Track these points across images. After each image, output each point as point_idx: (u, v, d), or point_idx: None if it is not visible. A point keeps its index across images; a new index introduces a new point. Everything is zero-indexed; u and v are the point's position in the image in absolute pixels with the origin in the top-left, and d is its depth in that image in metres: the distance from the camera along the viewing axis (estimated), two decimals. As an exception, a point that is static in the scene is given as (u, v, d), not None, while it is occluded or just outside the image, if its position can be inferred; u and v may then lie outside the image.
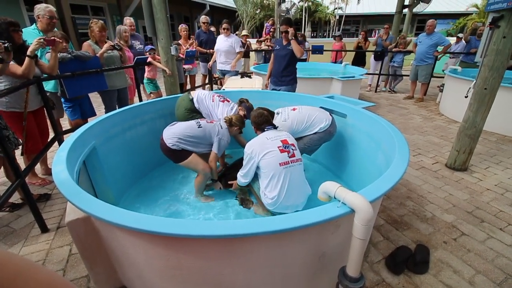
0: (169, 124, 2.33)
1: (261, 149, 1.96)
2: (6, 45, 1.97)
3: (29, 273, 0.32)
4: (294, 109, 2.56)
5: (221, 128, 2.33)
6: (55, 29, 3.02)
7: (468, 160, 3.09)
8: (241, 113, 2.65)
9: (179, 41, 5.28)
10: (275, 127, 2.18)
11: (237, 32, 7.82)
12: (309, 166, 3.03)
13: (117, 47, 3.34)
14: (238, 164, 2.65)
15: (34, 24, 2.90)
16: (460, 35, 6.69)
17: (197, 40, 5.96)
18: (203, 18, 5.89)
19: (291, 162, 1.96)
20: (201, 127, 2.27)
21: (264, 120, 2.17)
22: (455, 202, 2.54)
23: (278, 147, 1.97)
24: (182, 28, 5.41)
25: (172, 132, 2.21)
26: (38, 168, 2.98)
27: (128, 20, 4.55)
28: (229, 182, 2.44)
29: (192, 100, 2.76)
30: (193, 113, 2.78)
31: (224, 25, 4.67)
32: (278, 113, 2.52)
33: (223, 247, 1.17)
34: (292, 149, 2.01)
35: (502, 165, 3.24)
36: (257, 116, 2.18)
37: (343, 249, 1.33)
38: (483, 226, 2.22)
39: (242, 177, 2.14)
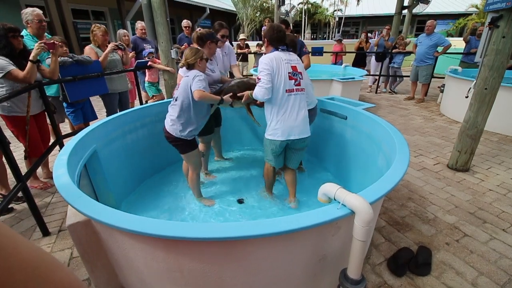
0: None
1: (277, 69, 1.98)
2: None
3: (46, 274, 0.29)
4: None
5: (188, 76, 2.06)
6: (48, 35, 3.02)
7: (470, 160, 3.07)
8: (194, 45, 2.36)
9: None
10: (288, 49, 2.12)
11: (241, 36, 7.75)
12: (309, 167, 3.03)
13: (121, 46, 3.44)
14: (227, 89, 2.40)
15: (25, 30, 2.84)
16: None
17: (179, 45, 5.82)
18: (184, 22, 5.58)
19: (296, 91, 2.02)
20: (176, 98, 2.10)
21: (281, 37, 2.07)
22: (457, 203, 2.53)
23: (288, 72, 2.00)
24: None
25: (168, 123, 2.13)
26: (40, 172, 2.99)
27: (140, 24, 4.57)
28: (239, 94, 2.26)
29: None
30: None
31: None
32: None
33: (223, 249, 1.16)
34: (299, 78, 2.05)
35: (504, 165, 3.23)
36: (274, 31, 2.06)
37: (344, 251, 1.33)
38: (486, 227, 2.21)
39: (266, 90, 1.97)
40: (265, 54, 2.16)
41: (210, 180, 2.85)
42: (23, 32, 2.83)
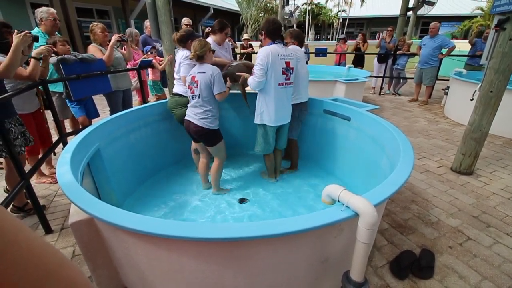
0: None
1: (272, 64, 2.12)
2: (34, 35, 2.05)
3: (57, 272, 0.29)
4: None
5: (204, 72, 2.14)
6: (56, 33, 3.05)
7: (474, 163, 3.05)
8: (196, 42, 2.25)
9: None
10: (283, 43, 2.26)
11: (245, 36, 7.74)
12: (312, 169, 3.02)
13: (124, 38, 3.44)
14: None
15: (36, 27, 2.91)
16: None
17: None
18: (185, 20, 5.24)
19: (286, 84, 2.27)
20: (199, 95, 2.18)
21: (276, 29, 2.19)
22: (460, 206, 2.50)
23: (282, 68, 2.17)
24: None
25: (196, 118, 2.24)
26: (45, 170, 3.00)
27: (148, 23, 4.57)
28: (238, 74, 2.47)
29: (176, 94, 2.66)
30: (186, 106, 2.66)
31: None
32: None
33: (224, 250, 1.16)
34: (290, 73, 2.27)
35: (508, 169, 3.20)
36: (272, 23, 2.18)
37: (347, 253, 1.32)
38: (490, 231, 2.19)
39: (258, 83, 2.18)
40: (263, 46, 2.29)
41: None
42: (35, 30, 2.92)
